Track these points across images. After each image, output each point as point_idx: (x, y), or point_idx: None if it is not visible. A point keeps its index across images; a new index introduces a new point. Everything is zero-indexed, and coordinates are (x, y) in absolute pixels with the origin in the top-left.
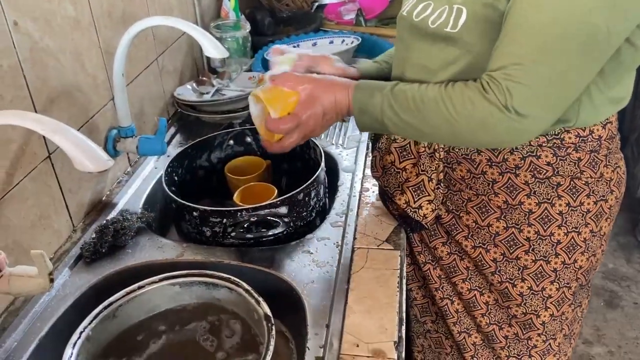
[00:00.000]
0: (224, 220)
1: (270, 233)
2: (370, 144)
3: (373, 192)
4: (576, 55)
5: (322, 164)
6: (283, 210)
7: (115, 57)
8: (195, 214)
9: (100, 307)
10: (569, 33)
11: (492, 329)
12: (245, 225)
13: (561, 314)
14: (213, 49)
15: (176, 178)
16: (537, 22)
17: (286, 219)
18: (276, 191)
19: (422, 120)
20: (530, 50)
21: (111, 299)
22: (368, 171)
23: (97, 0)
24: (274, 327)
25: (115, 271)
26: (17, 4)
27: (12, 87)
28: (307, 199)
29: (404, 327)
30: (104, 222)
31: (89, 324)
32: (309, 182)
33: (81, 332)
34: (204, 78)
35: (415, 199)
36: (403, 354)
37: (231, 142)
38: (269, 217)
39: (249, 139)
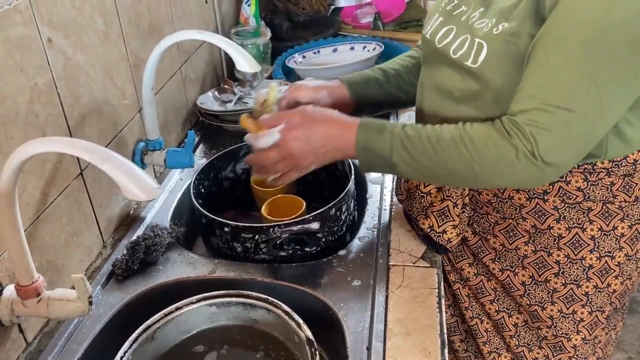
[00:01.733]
0: (256, 237)
1: (303, 249)
2: None
3: None
4: (601, 99)
5: (352, 176)
6: (315, 225)
7: (145, 71)
8: (226, 229)
9: (139, 330)
10: (592, 77)
11: (521, 351)
12: (277, 242)
13: (594, 338)
14: (246, 64)
15: (202, 190)
16: (559, 65)
17: (319, 235)
18: (304, 204)
19: (439, 162)
20: (552, 95)
21: (149, 321)
22: None
23: (125, 12)
24: (317, 353)
25: (148, 289)
26: (51, 20)
27: (48, 105)
28: (338, 213)
29: (446, 350)
30: (135, 238)
31: (129, 348)
32: (341, 196)
33: (122, 357)
34: (225, 86)
35: (440, 224)
36: None
37: None
38: (301, 233)
39: None
